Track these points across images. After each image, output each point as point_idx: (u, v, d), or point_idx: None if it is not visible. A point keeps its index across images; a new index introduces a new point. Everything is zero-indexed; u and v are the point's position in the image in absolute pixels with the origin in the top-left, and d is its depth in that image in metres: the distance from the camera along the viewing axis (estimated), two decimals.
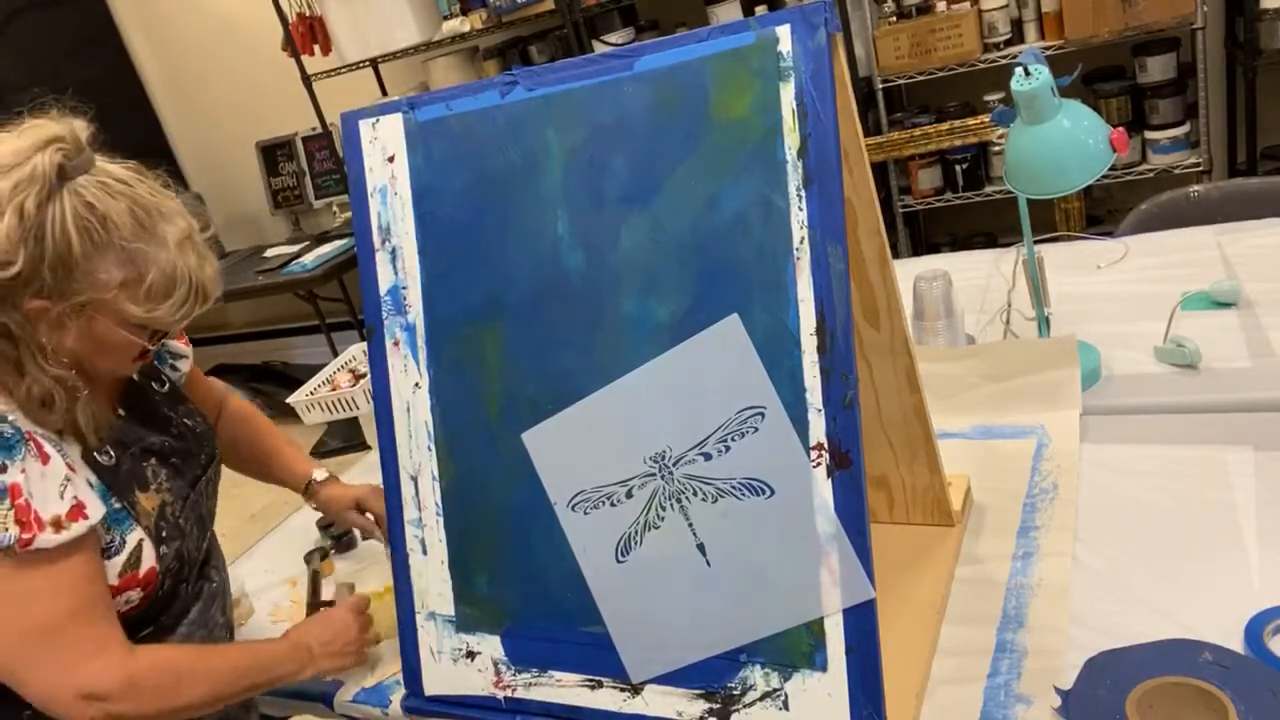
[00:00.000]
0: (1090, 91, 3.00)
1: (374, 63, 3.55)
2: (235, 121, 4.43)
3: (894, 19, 3.04)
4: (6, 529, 0.91)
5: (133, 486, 1.05)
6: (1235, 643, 0.88)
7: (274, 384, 4.44)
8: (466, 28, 3.30)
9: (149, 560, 1.04)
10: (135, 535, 1.03)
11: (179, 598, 1.11)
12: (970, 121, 3.00)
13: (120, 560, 1.01)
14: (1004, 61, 2.92)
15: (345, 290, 4.11)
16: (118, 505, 1.02)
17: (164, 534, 1.06)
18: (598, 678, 0.97)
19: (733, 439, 0.88)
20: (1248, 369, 1.29)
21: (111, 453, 1.04)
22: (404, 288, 1.03)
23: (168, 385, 1.20)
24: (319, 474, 1.39)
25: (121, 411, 1.10)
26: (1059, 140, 1.22)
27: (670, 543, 0.92)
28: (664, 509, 0.92)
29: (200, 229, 1.03)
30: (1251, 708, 0.79)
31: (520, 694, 1.01)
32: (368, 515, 1.36)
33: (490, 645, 1.03)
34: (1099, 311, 1.52)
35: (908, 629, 1.00)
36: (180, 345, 1.27)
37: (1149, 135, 2.92)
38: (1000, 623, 0.99)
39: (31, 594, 0.93)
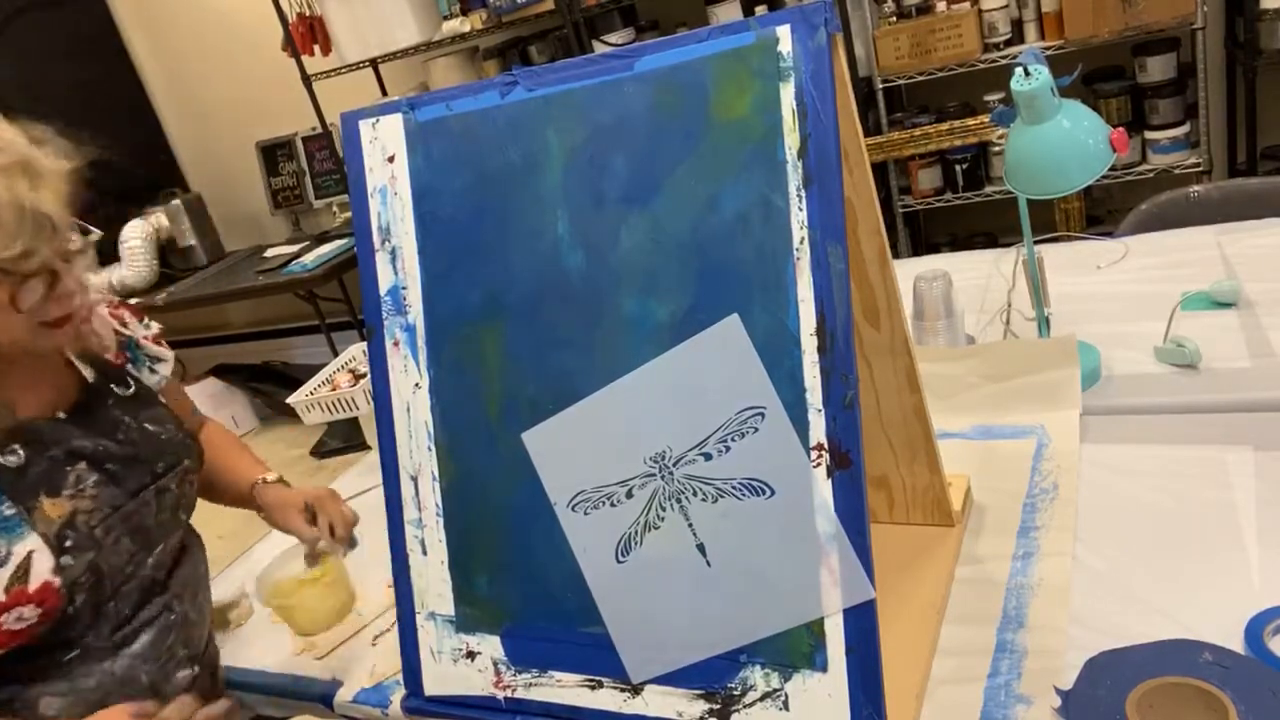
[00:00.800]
0: (1090, 91, 3.00)
1: (374, 63, 3.55)
2: (235, 121, 4.43)
3: (894, 19, 3.04)
4: None
5: (38, 491, 0.97)
6: (1235, 643, 0.88)
7: (274, 384, 4.44)
8: (466, 28, 3.30)
9: (43, 573, 0.94)
10: (26, 544, 0.94)
11: (107, 618, 1.02)
12: (970, 121, 3.00)
13: (6, 573, 0.92)
14: (1004, 61, 2.93)
15: (345, 290, 4.11)
16: (10, 511, 0.94)
17: (68, 544, 0.97)
18: (598, 678, 0.97)
19: (733, 439, 0.88)
20: (1248, 369, 1.29)
21: (21, 453, 0.97)
22: (404, 288, 1.03)
23: (134, 388, 1.12)
24: (269, 476, 1.27)
25: (62, 414, 1.03)
26: (1059, 140, 1.22)
27: (670, 543, 0.92)
28: (664, 509, 0.92)
29: (66, 159, 0.97)
30: (1251, 708, 0.79)
31: (520, 694, 1.01)
32: (320, 524, 1.24)
33: (490, 645, 1.03)
34: (1099, 311, 1.52)
35: (908, 629, 1.00)
36: (159, 349, 1.20)
37: (1149, 135, 2.92)
38: (1000, 623, 0.99)
39: None
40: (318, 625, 1.31)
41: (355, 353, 2.03)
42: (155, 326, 1.23)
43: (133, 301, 4.02)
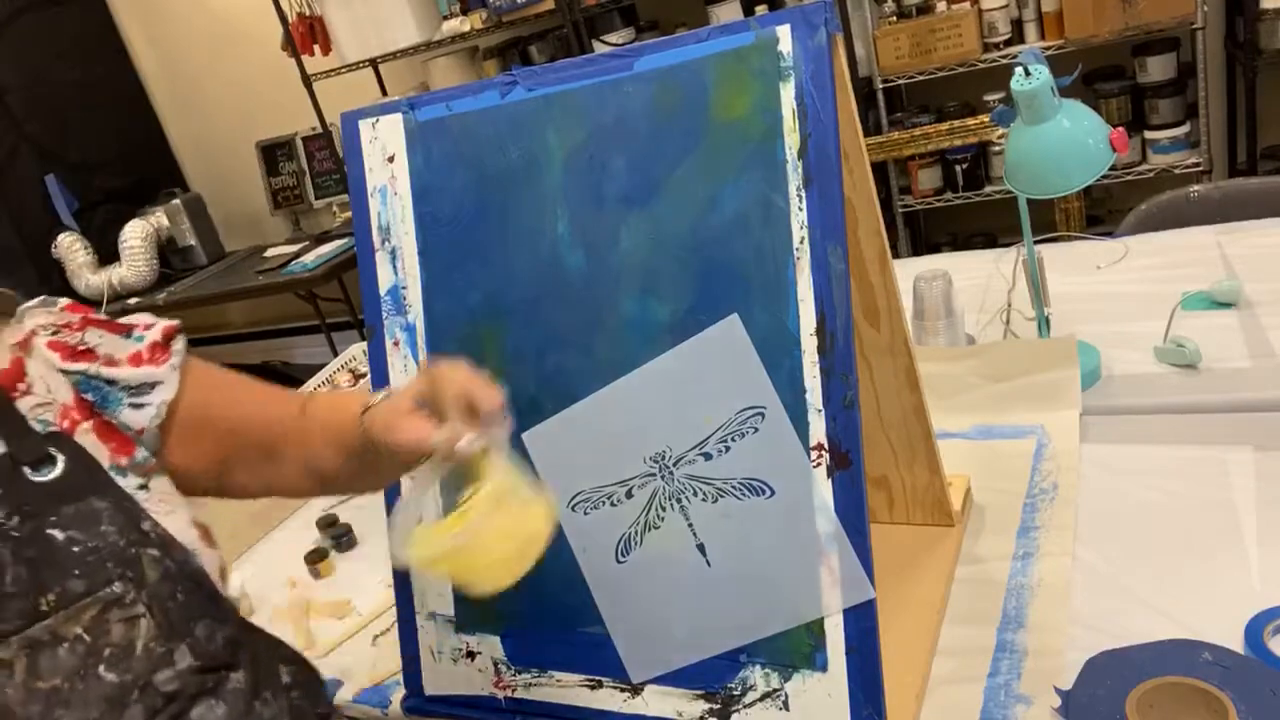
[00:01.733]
0: (1090, 91, 3.00)
1: (374, 63, 3.55)
2: (235, 121, 4.43)
3: (894, 19, 3.04)
4: None
5: None
6: (1235, 643, 0.88)
7: (274, 384, 4.43)
8: (466, 28, 3.30)
9: None
10: None
11: None
12: (970, 121, 3.00)
13: None
14: (1004, 61, 2.92)
15: (345, 290, 4.11)
16: None
17: None
18: (598, 678, 0.97)
19: (733, 439, 0.88)
20: (1248, 369, 1.29)
21: None
22: (404, 288, 1.03)
23: (62, 468, 0.72)
24: (374, 398, 0.85)
25: None
26: (1059, 140, 1.22)
27: (670, 543, 0.92)
28: (664, 509, 0.92)
29: None
30: (1251, 708, 0.79)
31: (520, 694, 1.01)
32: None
33: (490, 645, 1.03)
34: (1099, 311, 1.52)
35: (908, 629, 1.00)
36: (147, 370, 0.82)
37: (1149, 135, 2.92)
38: (1000, 623, 0.99)
39: None
40: (509, 567, 0.78)
41: (355, 353, 2.04)
42: (151, 333, 0.85)
43: (132, 301, 4.02)
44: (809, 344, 0.83)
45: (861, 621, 0.84)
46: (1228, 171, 3.06)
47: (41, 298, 0.83)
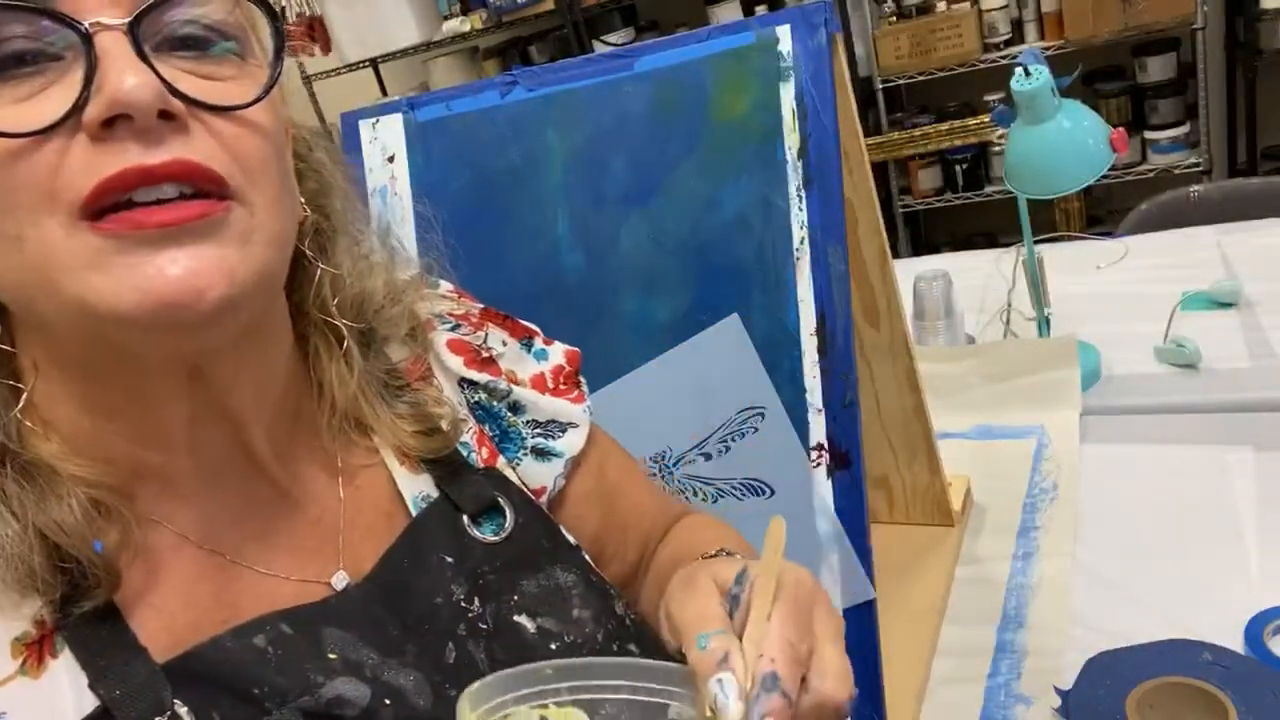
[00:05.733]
0: (1090, 91, 3.00)
1: (374, 63, 3.55)
2: None
3: (894, 19, 3.04)
4: None
5: None
6: (1235, 643, 0.88)
7: None
8: (466, 28, 3.30)
9: None
10: None
11: None
12: (970, 121, 3.00)
13: None
14: (1004, 61, 2.93)
15: None
16: None
17: None
18: None
19: (733, 439, 0.88)
20: (1248, 369, 1.29)
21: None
22: None
23: (512, 521, 0.54)
24: (715, 549, 0.62)
25: (327, 595, 0.50)
26: (1059, 140, 1.22)
27: None
28: None
29: None
30: (1251, 708, 0.79)
31: None
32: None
33: None
34: (1099, 311, 1.52)
35: (908, 629, 1.00)
36: (557, 403, 0.63)
37: (1149, 135, 2.92)
38: (1000, 623, 0.99)
39: None
40: None
41: None
42: (553, 352, 0.67)
43: None
44: (809, 344, 0.83)
45: (862, 622, 0.84)
46: (1228, 171, 3.06)
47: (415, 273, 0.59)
